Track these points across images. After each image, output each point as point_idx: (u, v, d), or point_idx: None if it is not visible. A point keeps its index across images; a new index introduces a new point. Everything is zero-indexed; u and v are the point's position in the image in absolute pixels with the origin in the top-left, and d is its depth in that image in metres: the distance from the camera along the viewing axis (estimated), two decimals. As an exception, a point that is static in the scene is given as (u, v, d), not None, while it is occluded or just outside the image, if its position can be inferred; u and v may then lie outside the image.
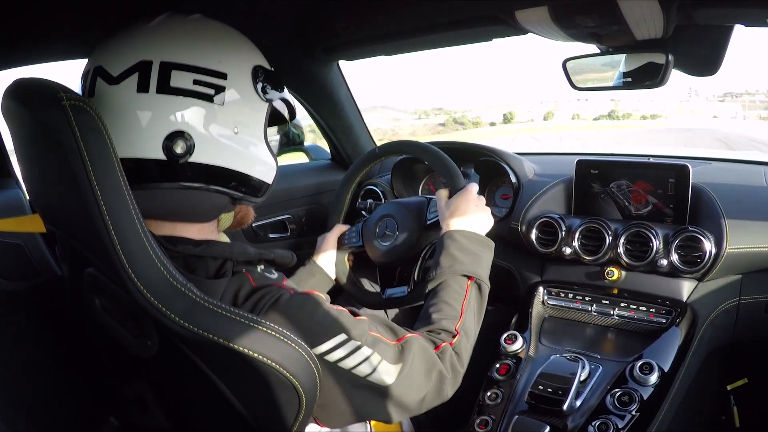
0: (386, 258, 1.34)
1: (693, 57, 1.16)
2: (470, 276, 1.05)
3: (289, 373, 0.72)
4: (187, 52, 0.77)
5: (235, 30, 0.86)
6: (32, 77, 0.70)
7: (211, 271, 0.77)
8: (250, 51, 0.85)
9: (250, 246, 0.84)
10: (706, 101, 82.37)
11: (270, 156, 0.88)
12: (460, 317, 0.99)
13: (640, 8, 0.95)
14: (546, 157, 1.89)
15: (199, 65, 0.76)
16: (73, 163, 0.64)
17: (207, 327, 0.68)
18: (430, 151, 1.29)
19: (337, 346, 0.79)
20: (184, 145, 0.75)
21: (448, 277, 1.04)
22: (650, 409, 1.09)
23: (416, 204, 1.34)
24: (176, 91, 0.75)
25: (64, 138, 0.64)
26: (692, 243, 1.26)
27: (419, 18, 1.28)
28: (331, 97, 1.79)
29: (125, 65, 0.75)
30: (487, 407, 1.17)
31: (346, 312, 0.84)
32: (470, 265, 1.06)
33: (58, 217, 0.77)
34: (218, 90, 0.78)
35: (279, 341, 0.72)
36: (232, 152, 0.81)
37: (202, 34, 0.80)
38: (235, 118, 0.80)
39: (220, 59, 0.79)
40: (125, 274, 0.66)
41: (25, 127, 0.72)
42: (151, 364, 0.77)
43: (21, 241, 1.13)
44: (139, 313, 0.70)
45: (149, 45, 0.76)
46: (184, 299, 0.68)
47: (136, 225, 0.67)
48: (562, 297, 1.42)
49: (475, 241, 1.11)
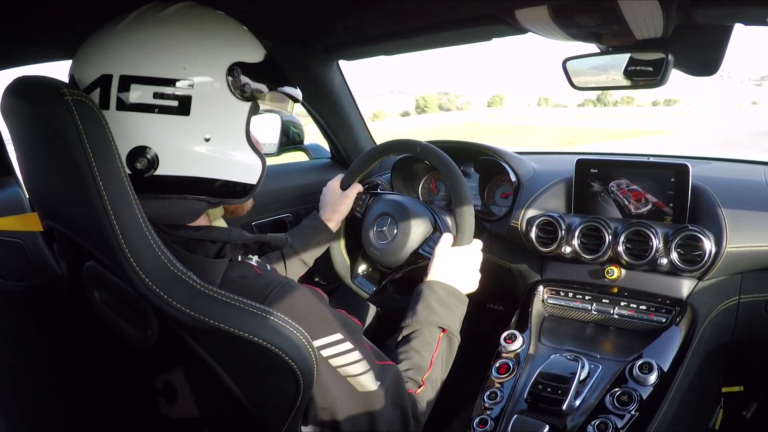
0: (372, 254, 1.40)
1: (693, 56, 1.16)
2: (443, 328, 1.08)
3: (289, 357, 0.73)
4: (148, 62, 0.74)
5: (218, 23, 0.82)
6: (33, 75, 0.71)
7: (211, 253, 0.79)
8: (226, 49, 0.81)
9: (244, 232, 0.86)
10: (740, 84, 69.44)
11: (253, 156, 0.85)
12: (429, 368, 1.02)
13: (640, 8, 0.95)
14: (546, 156, 1.89)
15: (160, 76, 0.74)
16: (76, 155, 0.65)
17: (207, 312, 0.69)
18: (456, 178, 1.26)
19: (332, 343, 0.82)
20: (145, 161, 0.75)
21: (423, 327, 1.07)
22: (650, 409, 1.09)
23: (421, 219, 1.35)
24: (136, 107, 0.74)
25: (67, 131, 0.65)
26: (692, 242, 1.26)
27: (419, 18, 1.28)
28: (330, 97, 1.79)
29: (89, 78, 0.75)
30: (487, 406, 1.17)
31: (344, 314, 0.87)
32: (445, 317, 1.10)
33: (60, 211, 0.78)
34: (182, 100, 0.76)
35: (279, 326, 0.73)
36: (204, 160, 0.79)
37: (167, 39, 0.76)
38: (205, 125, 0.78)
39: (186, 65, 0.76)
40: (127, 263, 0.67)
41: (26, 123, 0.73)
42: (150, 355, 0.78)
43: (21, 240, 1.13)
44: (139, 303, 0.71)
45: (110, 56, 0.75)
46: (184, 286, 0.69)
47: (137, 215, 0.69)
48: (561, 296, 1.42)
49: (452, 296, 1.13)
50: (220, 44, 0.81)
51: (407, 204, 1.39)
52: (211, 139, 0.79)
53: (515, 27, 1.16)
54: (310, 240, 1.36)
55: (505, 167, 1.59)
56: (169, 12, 0.79)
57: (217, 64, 0.79)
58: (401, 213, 1.36)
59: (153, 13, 0.78)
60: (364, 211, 1.44)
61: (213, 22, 0.82)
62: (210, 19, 0.82)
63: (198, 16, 0.81)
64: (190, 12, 0.81)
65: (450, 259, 1.18)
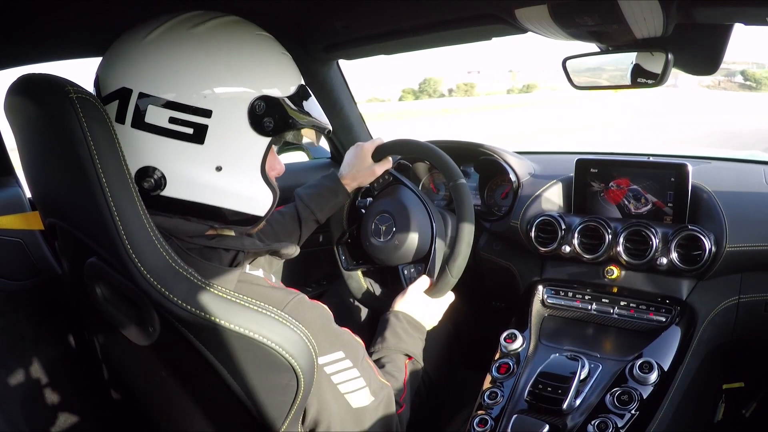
0: (366, 246, 1.41)
1: (693, 56, 1.16)
2: (410, 356, 1.15)
3: (289, 354, 0.73)
4: (168, 84, 0.73)
5: (252, 47, 0.78)
6: (38, 73, 0.71)
7: (225, 261, 0.79)
8: (254, 79, 0.77)
9: (256, 240, 0.86)
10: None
11: (265, 189, 0.83)
12: (404, 391, 1.07)
13: (640, 7, 0.95)
14: (545, 156, 1.89)
15: (178, 101, 0.73)
16: (80, 152, 0.66)
17: (208, 309, 0.69)
18: (466, 217, 1.25)
19: (336, 360, 0.84)
20: (152, 182, 0.74)
21: (392, 353, 1.12)
22: (650, 408, 1.09)
23: (418, 235, 1.35)
24: (151, 128, 0.73)
25: (71, 128, 0.66)
26: (692, 242, 1.26)
27: (419, 17, 1.28)
28: (330, 96, 1.79)
29: (110, 87, 0.74)
30: (487, 406, 1.17)
31: (348, 332, 0.89)
32: (411, 345, 1.16)
33: (62, 208, 0.78)
34: (198, 128, 0.74)
35: (279, 323, 0.73)
36: (213, 189, 0.78)
37: (192, 62, 0.74)
38: (218, 155, 0.76)
39: (207, 93, 0.73)
40: (128, 259, 0.67)
41: (31, 121, 0.73)
42: (151, 352, 0.78)
43: (21, 239, 1.13)
44: (140, 300, 0.71)
45: (133, 69, 0.74)
46: (185, 283, 0.70)
47: (139, 211, 0.69)
48: (561, 296, 1.42)
49: (414, 327, 1.20)
50: (249, 74, 0.77)
51: (412, 211, 1.36)
52: (223, 168, 0.77)
53: (515, 26, 1.16)
54: (328, 202, 1.35)
55: (504, 167, 1.59)
56: (202, 30, 0.76)
57: (241, 95, 0.76)
58: (403, 219, 1.36)
59: (185, 28, 0.76)
60: (378, 191, 1.43)
61: (246, 46, 0.79)
62: (245, 42, 0.79)
63: (231, 38, 0.78)
64: (224, 31, 0.78)
65: (419, 299, 1.24)
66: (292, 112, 0.81)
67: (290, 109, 0.80)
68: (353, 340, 0.91)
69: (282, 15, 1.35)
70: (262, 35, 0.82)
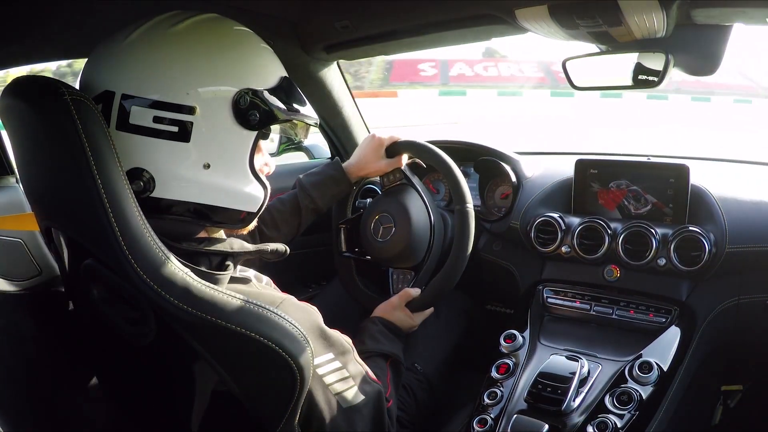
0: (363, 242, 1.41)
1: (693, 56, 1.16)
2: (389, 356, 1.17)
3: (286, 352, 0.73)
4: (150, 84, 0.73)
5: (232, 42, 0.79)
6: (31, 74, 0.71)
7: (214, 264, 0.79)
8: (237, 73, 0.77)
9: (245, 242, 0.85)
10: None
11: (255, 185, 0.83)
12: (389, 388, 1.09)
13: (640, 7, 0.95)
14: (545, 156, 1.89)
15: (161, 100, 0.72)
16: (75, 153, 0.66)
17: (204, 308, 0.69)
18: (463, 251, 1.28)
19: (327, 361, 0.84)
20: (141, 183, 0.74)
21: (372, 355, 1.15)
22: (649, 409, 1.09)
23: (416, 241, 1.35)
24: (136, 129, 0.73)
25: (66, 129, 0.66)
26: (691, 243, 1.26)
27: (419, 17, 1.28)
28: (330, 96, 1.79)
29: (94, 91, 0.74)
30: (486, 406, 1.17)
31: (337, 333, 0.89)
32: (389, 346, 1.19)
33: (58, 210, 0.78)
34: (183, 126, 0.74)
35: (276, 320, 0.73)
36: (203, 187, 0.77)
37: (173, 61, 0.74)
38: (205, 152, 0.76)
39: (190, 90, 0.73)
40: (124, 259, 0.67)
41: (25, 123, 0.73)
42: (148, 352, 0.78)
43: (21, 239, 1.13)
44: (136, 300, 0.71)
45: (115, 71, 0.74)
46: (181, 282, 0.69)
47: (135, 212, 0.69)
48: (561, 296, 1.42)
49: (392, 331, 1.24)
50: (230, 68, 0.77)
51: (414, 219, 1.35)
52: (211, 166, 0.77)
53: (515, 26, 1.16)
54: (330, 190, 1.35)
55: (504, 168, 1.59)
56: (181, 28, 0.76)
57: (223, 90, 0.76)
58: (404, 224, 1.35)
59: (164, 28, 0.76)
60: (387, 188, 1.42)
61: (227, 41, 0.79)
62: (224, 37, 0.79)
63: (211, 34, 0.78)
64: (203, 29, 0.78)
65: (398, 309, 1.29)
66: (275, 104, 0.80)
67: (273, 102, 0.80)
68: (343, 340, 0.91)
69: (282, 15, 1.35)
70: (241, 30, 0.82)
